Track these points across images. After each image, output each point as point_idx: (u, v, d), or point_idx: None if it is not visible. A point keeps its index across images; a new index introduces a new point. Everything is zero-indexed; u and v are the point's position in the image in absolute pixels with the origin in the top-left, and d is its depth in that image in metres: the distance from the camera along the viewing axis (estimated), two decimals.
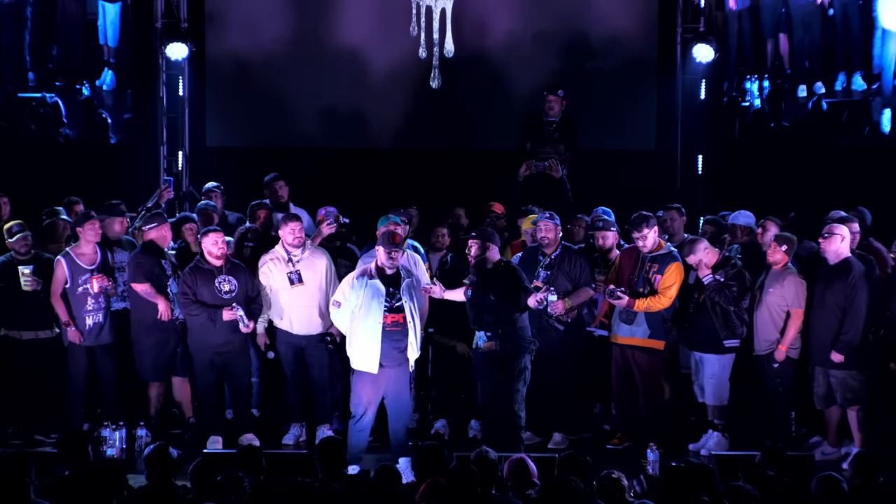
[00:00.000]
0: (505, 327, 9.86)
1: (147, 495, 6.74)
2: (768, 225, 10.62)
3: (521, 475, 7.14)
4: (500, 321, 9.87)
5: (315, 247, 10.64)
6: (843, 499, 6.84)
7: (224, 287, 10.34)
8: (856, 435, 10.08)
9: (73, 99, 14.33)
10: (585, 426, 10.93)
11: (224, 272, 10.35)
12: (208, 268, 10.34)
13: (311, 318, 10.55)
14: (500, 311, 9.87)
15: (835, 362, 10.01)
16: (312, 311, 10.54)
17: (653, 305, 10.33)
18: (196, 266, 10.36)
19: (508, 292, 9.85)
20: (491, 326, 9.90)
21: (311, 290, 10.50)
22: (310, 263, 10.52)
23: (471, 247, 10.02)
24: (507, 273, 9.92)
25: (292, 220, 10.55)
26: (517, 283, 9.88)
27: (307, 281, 10.47)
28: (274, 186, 11.94)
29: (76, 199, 11.34)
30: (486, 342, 9.92)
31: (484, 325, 9.93)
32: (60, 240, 10.92)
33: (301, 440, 10.61)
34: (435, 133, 14.00)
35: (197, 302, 10.29)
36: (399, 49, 13.86)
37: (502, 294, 9.85)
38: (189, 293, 10.30)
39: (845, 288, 9.99)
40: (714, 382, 10.39)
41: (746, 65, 14.54)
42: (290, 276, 10.42)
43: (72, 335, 10.47)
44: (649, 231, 10.35)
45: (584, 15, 14.00)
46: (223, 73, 14.04)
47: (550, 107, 12.46)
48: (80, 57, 14.57)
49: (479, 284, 9.96)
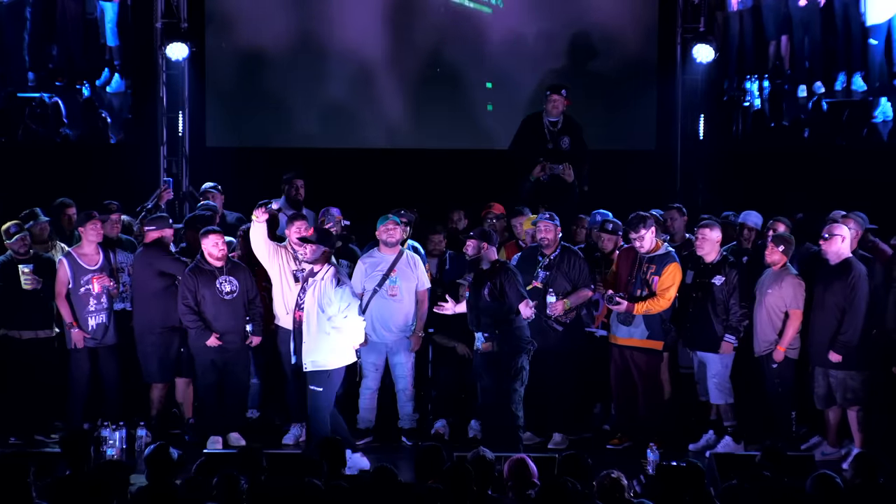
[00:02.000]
0: (502, 328, 9.86)
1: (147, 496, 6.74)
2: (777, 226, 10.61)
3: (521, 475, 7.13)
4: (497, 322, 9.87)
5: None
6: (838, 497, 6.83)
7: (225, 288, 10.35)
8: (856, 435, 10.08)
9: (73, 99, 14.33)
10: (585, 426, 10.93)
11: (225, 273, 10.35)
12: (209, 269, 10.33)
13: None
14: (496, 311, 9.87)
15: (833, 362, 10.01)
16: None
17: (652, 308, 10.32)
18: (197, 267, 10.35)
19: (504, 293, 9.85)
20: (488, 327, 9.90)
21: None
22: None
23: (467, 246, 10.03)
24: (503, 274, 9.92)
25: (298, 220, 10.56)
26: (513, 284, 9.88)
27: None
28: (296, 184, 11.92)
29: (69, 202, 11.30)
30: (484, 343, 9.93)
31: (481, 326, 9.94)
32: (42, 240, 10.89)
33: (301, 440, 10.60)
34: (435, 133, 14.00)
35: (195, 313, 10.30)
36: (399, 49, 13.89)
37: (498, 295, 9.85)
38: (189, 297, 10.28)
39: (845, 288, 9.99)
40: (717, 382, 10.39)
41: (746, 65, 14.54)
42: (295, 275, 10.41)
43: (76, 337, 10.46)
44: (646, 232, 10.35)
45: (584, 15, 14.00)
46: (223, 73, 14.04)
47: (555, 106, 12.40)
48: (80, 57, 14.57)
49: (475, 285, 9.98)
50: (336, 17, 13.97)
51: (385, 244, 10.64)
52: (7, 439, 10.43)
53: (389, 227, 10.60)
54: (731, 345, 10.32)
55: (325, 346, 9.56)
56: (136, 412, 10.55)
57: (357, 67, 13.95)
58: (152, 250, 10.54)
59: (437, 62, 14.00)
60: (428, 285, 10.73)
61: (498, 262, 10.02)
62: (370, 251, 10.78)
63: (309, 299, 9.59)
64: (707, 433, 10.52)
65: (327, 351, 9.57)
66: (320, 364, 9.57)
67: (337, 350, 9.62)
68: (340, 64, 13.97)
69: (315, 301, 9.53)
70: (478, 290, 9.95)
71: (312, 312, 9.55)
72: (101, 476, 6.97)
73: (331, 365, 9.59)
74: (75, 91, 14.43)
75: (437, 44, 13.95)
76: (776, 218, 10.74)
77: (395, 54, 13.89)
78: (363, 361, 10.78)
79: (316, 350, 9.57)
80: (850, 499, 6.93)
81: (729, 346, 10.32)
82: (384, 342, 10.68)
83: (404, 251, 10.70)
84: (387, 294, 10.61)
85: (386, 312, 10.64)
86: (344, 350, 9.67)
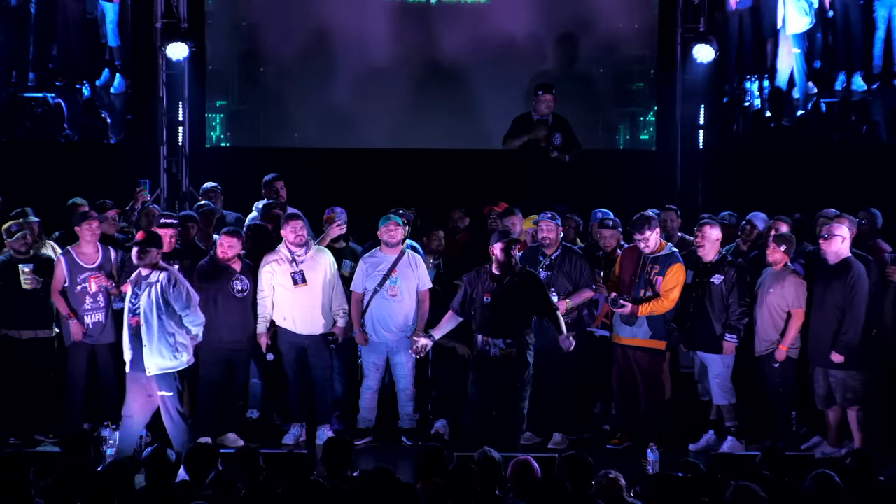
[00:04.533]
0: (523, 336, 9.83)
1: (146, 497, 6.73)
2: (779, 225, 10.61)
3: (524, 477, 7.12)
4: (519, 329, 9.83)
5: (318, 247, 10.65)
6: (837, 496, 6.82)
7: (237, 286, 10.41)
8: (856, 435, 10.08)
9: (73, 99, 14.32)
10: (585, 426, 10.92)
11: (238, 271, 10.42)
12: (223, 266, 10.39)
13: (313, 317, 10.56)
14: (520, 319, 9.82)
15: (835, 363, 10.01)
16: (315, 310, 10.55)
17: (656, 309, 10.31)
18: (212, 263, 10.40)
19: (530, 297, 9.79)
20: (510, 334, 9.83)
21: (314, 290, 10.51)
22: (313, 263, 10.53)
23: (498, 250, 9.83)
24: (527, 278, 9.87)
25: (293, 219, 10.57)
26: (541, 292, 9.82)
27: (310, 281, 10.48)
28: (275, 186, 11.90)
29: (81, 201, 11.28)
30: (504, 349, 9.84)
31: (501, 333, 9.84)
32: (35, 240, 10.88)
33: (301, 440, 10.61)
34: (434, 134, 14.00)
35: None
36: (399, 49, 13.89)
37: (522, 300, 9.79)
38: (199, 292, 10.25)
39: (844, 288, 9.99)
40: (719, 382, 10.39)
41: (746, 65, 14.54)
42: (293, 276, 10.43)
43: (73, 328, 10.45)
44: (651, 233, 10.33)
45: (584, 15, 13.99)
46: (223, 73, 14.03)
47: (547, 105, 12.43)
48: (81, 57, 14.57)
49: (497, 291, 9.87)
50: (336, 17, 13.97)
51: (386, 244, 10.64)
52: (7, 439, 10.43)
53: (391, 228, 10.59)
54: (733, 344, 10.32)
55: (166, 349, 9.60)
56: None
57: (357, 67, 13.95)
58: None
59: (436, 62, 13.99)
60: (429, 285, 10.72)
61: (524, 269, 9.93)
62: (371, 251, 10.78)
63: (144, 302, 9.57)
64: (707, 433, 10.52)
65: (170, 354, 9.62)
66: (166, 367, 9.61)
67: (180, 349, 9.68)
68: (340, 64, 13.96)
69: (153, 304, 9.53)
70: (503, 297, 9.82)
71: (152, 316, 9.55)
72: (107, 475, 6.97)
73: (177, 367, 9.66)
74: (75, 91, 14.43)
75: (437, 44, 13.94)
76: (778, 217, 10.74)
77: (395, 54, 13.88)
78: (364, 361, 10.80)
79: (159, 354, 9.60)
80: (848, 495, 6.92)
81: (731, 345, 10.32)
82: (385, 342, 10.67)
83: (405, 251, 10.70)
84: (387, 294, 10.61)
85: (386, 312, 10.63)
86: (188, 348, 9.74)
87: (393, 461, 9.26)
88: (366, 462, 9.57)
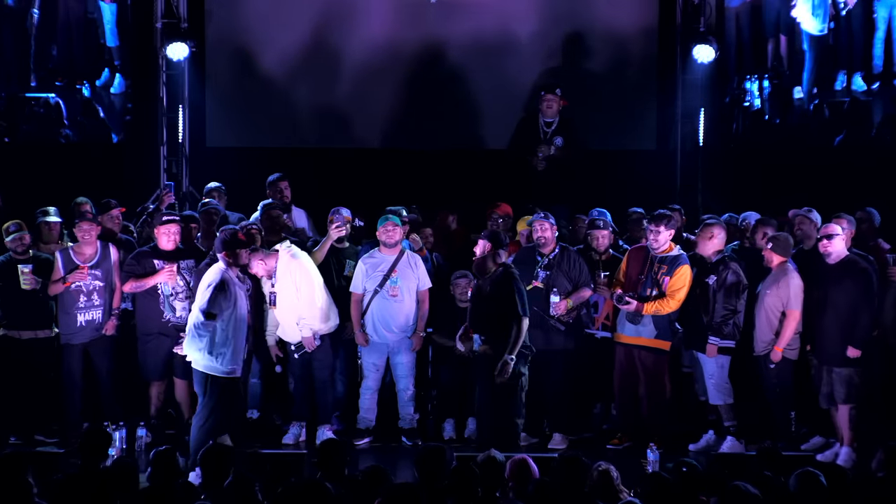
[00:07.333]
0: (500, 332, 9.84)
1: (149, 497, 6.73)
2: (766, 228, 10.62)
3: (522, 476, 7.12)
4: (496, 325, 9.85)
5: (289, 250, 10.41)
6: (821, 494, 6.77)
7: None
8: (845, 433, 10.04)
9: (73, 99, 14.32)
10: (585, 426, 10.93)
11: None
12: None
13: (297, 328, 10.50)
14: (495, 315, 9.85)
15: (850, 358, 9.93)
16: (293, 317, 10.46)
17: (661, 309, 10.31)
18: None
19: (504, 298, 9.82)
20: (486, 330, 9.88)
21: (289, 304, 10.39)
22: (282, 276, 10.33)
23: (476, 247, 9.99)
24: (504, 278, 9.90)
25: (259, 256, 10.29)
26: (511, 289, 9.81)
27: (280, 299, 10.35)
28: (279, 186, 11.88)
29: (83, 200, 11.27)
30: (481, 346, 9.91)
31: (479, 329, 9.92)
32: (52, 240, 10.91)
33: (301, 440, 10.61)
34: (434, 134, 14.00)
35: None
36: (399, 49, 13.88)
37: (497, 299, 9.83)
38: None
39: (856, 284, 9.96)
40: (714, 382, 10.38)
41: (746, 65, 14.53)
42: (269, 297, 10.38)
43: (74, 277, 10.42)
44: (665, 230, 10.32)
45: (584, 15, 13.98)
46: (223, 73, 14.04)
47: (549, 105, 12.45)
48: (80, 57, 14.56)
49: (478, 287, 9.96)
50: (336, 17, 13.96)
51: (385, 245, 10.64)
52: (7, 439, 10.44)
53: (389, 228, 10.59)
54: (715, 346, 10.27)
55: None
56: (136, 412, 10.55)
57: (357, 67, 13.94)
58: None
59: (435, 62, 13.99)
60: (429, 285, 10.73)
61: (501, 266, 9.98)
62: (371, 252, 10.78)
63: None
64: (707, 433, 10.52)
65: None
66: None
67: None
68: (340, 64, 13.95)
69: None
70: (481, 293, 9.93)
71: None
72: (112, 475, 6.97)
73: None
74: (75, 91, 14.42)
75: (436, 44, 13.93)
76: (764, 220, 10.76)
77: (395, 54, 13.87)
78: (364, 362, 10.80)
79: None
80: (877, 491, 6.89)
81: (713, 348, 10.27)
82: (385, 342, 10.68)
83: (405, 251, 10.71)
84: (388, 294, 10.61)
85: (387, 313, 10.64)
86: None
87: (393, 461, 9.28)
88: (366, 462, 9.58)
